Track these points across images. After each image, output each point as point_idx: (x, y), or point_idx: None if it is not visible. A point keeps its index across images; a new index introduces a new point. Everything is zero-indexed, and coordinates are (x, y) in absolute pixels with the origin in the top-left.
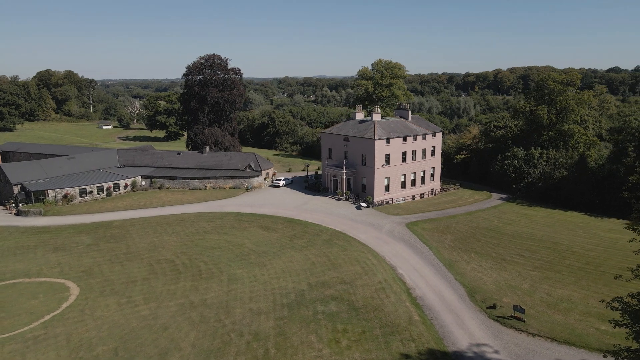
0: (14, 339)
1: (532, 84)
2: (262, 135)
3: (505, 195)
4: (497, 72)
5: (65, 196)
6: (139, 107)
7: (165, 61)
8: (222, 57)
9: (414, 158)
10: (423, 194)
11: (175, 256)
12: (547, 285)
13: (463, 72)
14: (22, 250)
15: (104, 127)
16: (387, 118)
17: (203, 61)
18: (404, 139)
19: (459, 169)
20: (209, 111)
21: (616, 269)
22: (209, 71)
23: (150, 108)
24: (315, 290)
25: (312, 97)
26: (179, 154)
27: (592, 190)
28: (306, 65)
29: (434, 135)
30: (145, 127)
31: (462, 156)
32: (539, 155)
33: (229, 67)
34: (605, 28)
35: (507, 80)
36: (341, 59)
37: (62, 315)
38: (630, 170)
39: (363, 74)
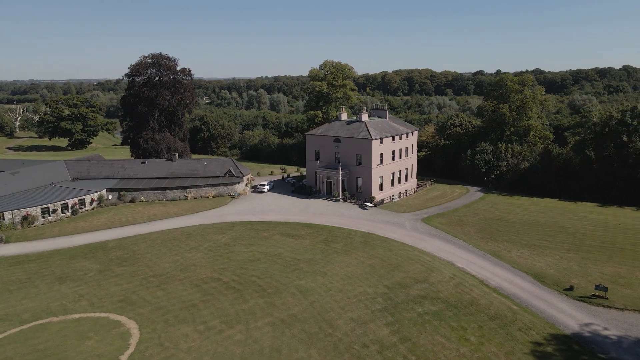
0: None
1: (488, 84)
2: (196, 140)
3: (480, 188)
4: (384, 74)
5: (25, 218)
6: (22, 112)
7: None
8: (170, 57)
9: (400, 156)
10: (407, 190)
11: (217, 273)
12: (592, 264)
13: None
14: (16, 286)
15: None
16: (372, 119)
17: (149, 60)
18: (393, 139)
19: (421, 166)
20: (159, 115)
21: (630, 245)
22: (154, 71)
23: (51, 114)
24: (398, 292)
25: (207, 100)
26: (143, 162)
27: (555, 178)
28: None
29: (412, 133)
30: (36, 135)
31: (424, 153)
32: (505, 150)
33: (179, 67)
34: (471, 35)
35: (394, 82)
36: (216, 60)
37: (142, 354)
38: (586, 162)
39: (314, 76)
